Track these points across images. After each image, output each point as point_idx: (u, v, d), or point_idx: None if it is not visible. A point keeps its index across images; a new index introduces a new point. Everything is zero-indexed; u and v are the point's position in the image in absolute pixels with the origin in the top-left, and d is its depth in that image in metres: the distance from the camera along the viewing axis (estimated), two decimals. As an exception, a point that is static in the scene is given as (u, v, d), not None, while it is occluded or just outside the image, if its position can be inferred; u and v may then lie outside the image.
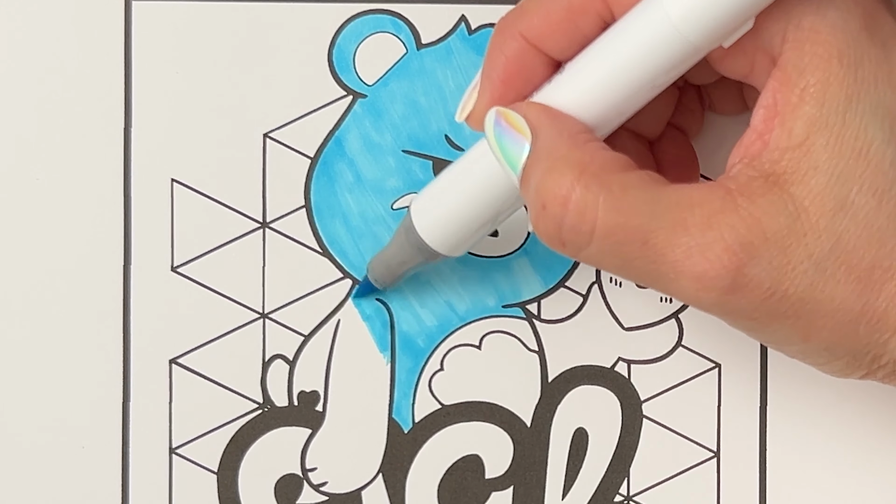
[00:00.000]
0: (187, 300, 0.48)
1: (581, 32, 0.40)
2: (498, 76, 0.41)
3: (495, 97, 0.41)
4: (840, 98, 0.36)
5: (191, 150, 0.48)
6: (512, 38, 0.41)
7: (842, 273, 0.37)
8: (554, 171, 0.38)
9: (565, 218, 0.38)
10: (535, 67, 0.41)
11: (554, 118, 0.39)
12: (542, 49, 0.40)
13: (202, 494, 0.48)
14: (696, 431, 0.49)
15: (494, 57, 0.41)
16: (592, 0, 0.39)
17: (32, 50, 0.48)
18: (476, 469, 0.48)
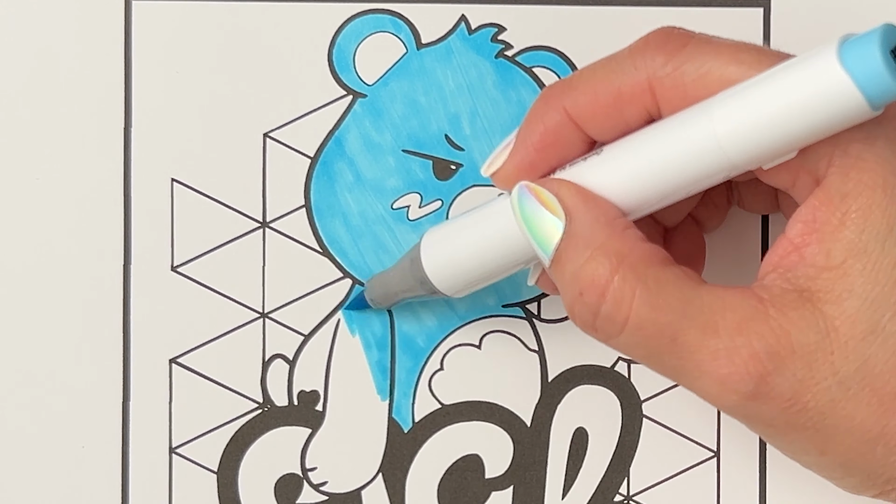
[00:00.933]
0: (187, 300, 0.48)
1: (624, 120, 0.40)
2: (533, 143, 0.41)
3: (526, 162, 0.41)
4: (881, 226, 0.37)
5: (191, 150, 0.48)
6: (555, 109, 0.41)
7: (865, 394, 0.37)
8: (593, 260, 0.38)
9: (602, 307, 0.38)
10: (572, 143, 0.41)
11: (588, 200, 0.39)
12: (583, 127, 0.41)
13: (202, 494, 0.48)
14: (696, 431, 0.49)
15: (533, 124, 0.41)
16: (643, 92, 0.39)
17: (32, 50, 0.48)
18: (476, 469, 0.48)
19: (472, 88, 0.48)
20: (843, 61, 0.35)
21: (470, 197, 0.48)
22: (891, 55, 0.34)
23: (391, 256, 0.48)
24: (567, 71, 0.48)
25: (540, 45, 0.48)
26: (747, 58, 0.38)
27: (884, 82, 0.34)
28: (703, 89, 0.38)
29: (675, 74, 0.39)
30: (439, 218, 0.48)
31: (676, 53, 0.39)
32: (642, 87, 0.39)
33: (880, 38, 0.34)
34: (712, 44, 0.39)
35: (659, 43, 0.39)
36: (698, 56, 0.38)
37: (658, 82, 0.39)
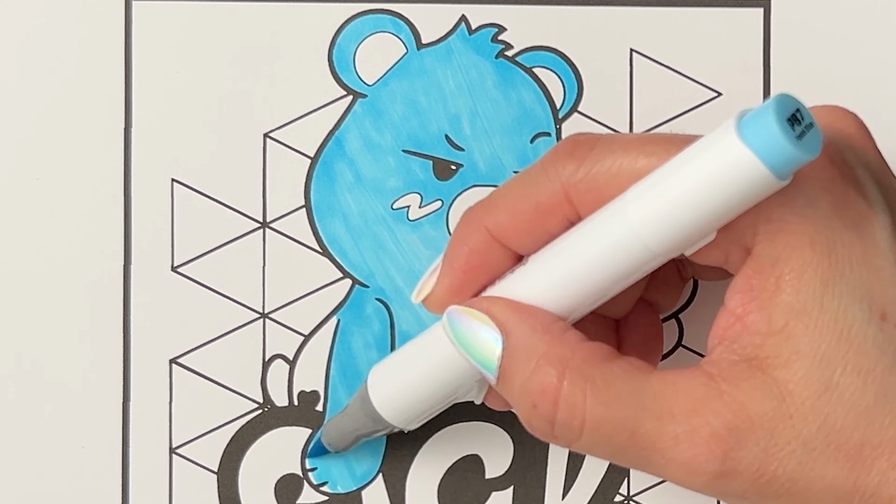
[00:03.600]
0: (187, 300, 0.48)
1: (547, 231, 0.40)
2: (460, 266, 0.41)
3: (455, 285, 0.41)
4: (815, 284, 0.37)
5: (191, 150, 0.48)
6: (477, 230, 0.41)
7: (831, 451, 0.37)
8: (539, 370, 0.39)
9: (556, 415, 0.38)
10: (497, 261, 0.41)
11: (521, 312, 0.40)
12: (507, 244, 0.41)
13: (202, 494, 0.48)
14: (696, 431, 0.48)
15: (458, 246, 0.41)
16: (560, 202, 0.39)
17: (33, 50, 0.48)
18: (476, 469, 0.48)
19: (472, 88, 0.48)
20: (742, 136, 0.35)
21: (470, 197, 0.48)
22: (787, 123, 0.34)
23: (391, 256, 0.48)
24: (567, 71, 0.48)
25: (540, 45, 0.48)
26: (654, 149, 0.38)
27: (784, 151, 0.34)
28: (617, 188, 0.38)
29: (587, 179, 0.39)
30: (439, 218, 0.48)
31: (586, 158, 0.39)
32: (559, 197, 0.39)
33: (775, 108, 0.34)
34: (619, 141, 0.39)
35: (567, 151, 0.39)
36: (607, 156, 0.39)
37: (573, 189, 0.39)
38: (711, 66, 0.48)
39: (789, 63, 0.49)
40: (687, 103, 0.48)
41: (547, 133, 0.48)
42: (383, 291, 0.48)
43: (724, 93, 0.49)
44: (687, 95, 0.48)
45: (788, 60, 0.49)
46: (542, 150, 0.48)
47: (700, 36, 0.48)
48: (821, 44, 0.49)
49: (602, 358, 0.39)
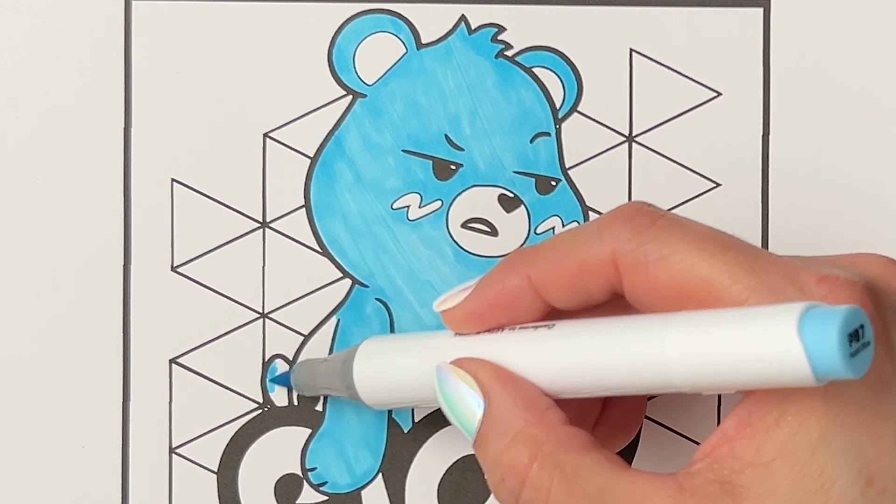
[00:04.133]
0: (187, 300, 0.48)
1: (587, 291, 0.40)
2: (488, 299, 0.41)
3: (475, 313, 0.41)
4: (814, 433, 0.36)
5: (191, 150, 0.48)
6: (517, 274, 0.41)
7: None
8: (512, 447, 0.39)
9: (521, 493, 0.39)
10: (527, 308, 0.41)
11: (507, 383, 0.40)
12: (543, 295, 0.41)
13: (202, 494, 0.48)
14: (696, 431, 0.48)
15: (494, 281, 0.41)
16: (605, 265, 0.39)
17: (32, 50, 0.48)
18: (476, 469, 0.48)
19: (472, 88, 0.48)
20: (801, 335, 0.34)
21: (470, 197, 0.48)
22: (848, 339, 0.34)
23: (391, 256, 0.48)
24: (567, 71, 0.48)
25: (540, 45, 0.48)
26: (711, 247, 0.38)
27: (835, 367, 0.34)
28: (664, 271, 0.38)
29: (638, 251, 0.38)
30: (439, 218, 0.48)
31: (643, 231, 0.39)
32: (606, 261, 0.39)
33: (842, 322, 0.34)
34: (680, 226, 0.38)
35: (627, 217, 0.39)
36: (664, 237, 0.38)
37: (622, 257, 0.39)
38: (711, 66, 0.48)
39: (789, 63, 0.49)
40: (687, 103, 0.48)
41: (547, 133, 0.48)
42: (383, 291, 0.48)
43: (724, 93, 0.49)
44: (687, 95, 0.48)
45: (788, 60, 0.49)
46: (542, 150, 0.48)
47: (700, 36, 0.48)
48: (821, 44, 0.49)
49: (576, 446, 0.39)
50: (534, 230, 0.48)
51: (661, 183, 0.48)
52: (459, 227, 0.48)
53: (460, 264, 0.48)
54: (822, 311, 0.34)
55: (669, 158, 0.48)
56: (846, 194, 0.49)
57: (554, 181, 0.48)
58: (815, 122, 0.48)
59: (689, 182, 0.49)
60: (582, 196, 0.48)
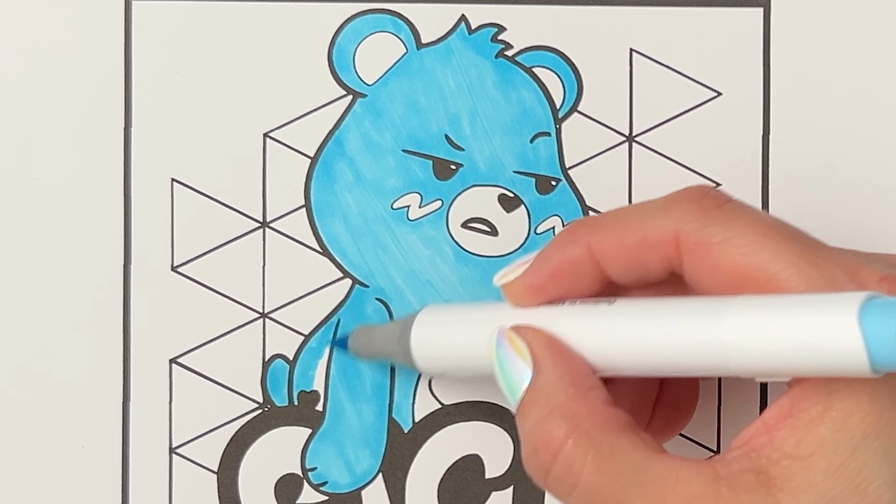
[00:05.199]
0: (187, 300, 0.48)
1: (645, 266, 0.40)
2: (548, 270, 0.41)
3: (535, 285, 0.41)
4: (857, 431, 0.36)
5: (191, 150, 0.48)
6: (578, 243, 0.41)
7: None
8: (550, 420, 0.39)
9: (553, 467, 0.39)
10: (586, 279, 0.41)
11: (557, 356, 0.40)
12: (602, 266, 0.41)
13: (202, 494, 0.48)
14: (695, 431, 0.48)
15: (553, 251, 0.41)
16: (668, 242, 0.39)
17: (32, 50, 0.48)
18: (476, 469, 0.48)
19: (472, 88, 0.48)
20: (862, 325, 0.34)
21: (470, 197, 0.48)
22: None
23: (391, 256, 0.48)
24: (567, 71, 0.48)
25: (540, 45, 0.48)
26: (775, 235, 0.38)
27: (893, 356, 0.34)
28: (726, 254, 0.38)
29: (702, 232, 0.39)
30: (439, 218, 0.48)
31: (709, 212, 0.39)
32: (668, 237, 0.39)
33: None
34: (746, 212, 0.39)
35: (694, 198, 0.39)
36: (729, 220, 0.38)
37: (685, 236, 0.39)
38: (711, 66, 0.49)
39: (789, 63, 0.49)
40: (687, 103, 0.48)
41: (547, 133, 0.48)
42: (383, 291, 0.48)
43: (724, 93, 0.49)
44: (687, 95, 0.49)
45: (788, 60, 0.49)
46: (542, 150, 0.48)
47: (700, 36, 0.48)
48: (821, 44, 0.49)
49: (615, 427, 0.39)
50: (534, 230, 0.48)
51: (661, 183, 0.48)
52: (459, 227, 0.48)
53: (460, 264, 0.48)
54: (884, 301, 0.34)
55: (669, 158, 0.49)
56: (846, 194, 0.49)
57: (554, 181, 0.48)
58: (815, 122, 0.49)
59: (689, 182, 0.48)
60: (582, 196, 0.48)
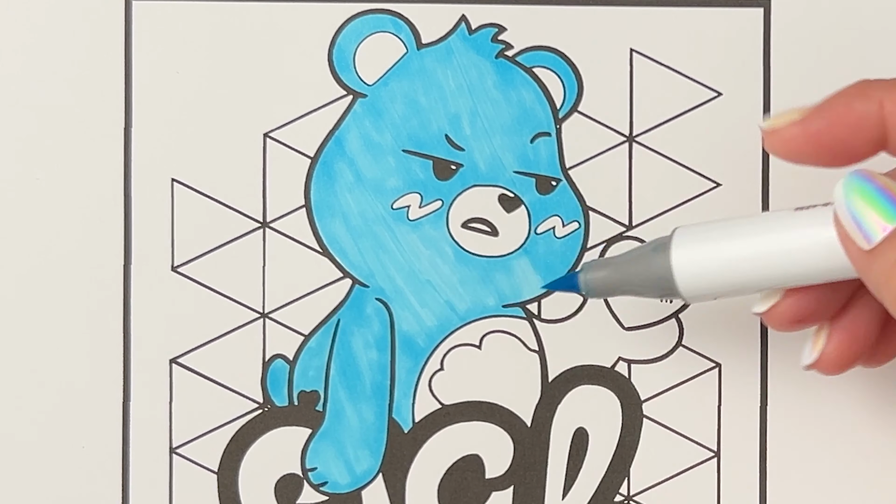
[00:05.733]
0: (187, 300, 0.48)
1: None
2: (829, 117, 0.39)
3: (810, 132, 0.39)
4: None
5: (191, 150, 0.48)
6: (869, 98, 0.39)
7: None
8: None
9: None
10: (866, 142, 0.39)
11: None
12: (889, 130, 0.39)
13: (202, 494, 0.48)
14: (696, 431, 0.48)
15: (839, 101, 0.39)
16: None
17: (33, 50, 0.48)
18: (476, 469, 0.48)
19: (473, 88, 0.48)
20: None
21: (470, 197, 0.48)
22: None
23: (391, 256, 0.48)
24: (567, 71, 0.48)
25: (540, 45, 0.48)
26: None
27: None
28: None
29: None
30: (439, 218, 0.48)
31: None
32: None
33: None
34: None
35: None
36: None
37: None
38: (711, 66, 0.49)
39: (789, 63, 0.49)
40: (687, 103, 0.48)
41: (547, 133, 0.48)
42: (383, 291, 0.48)
43: (724, 93, 0.49)
44: (687, 95, 0.49)
45: (788, 60, 0.49)
46: (543, 150, 0.48)
47: (700, 36, 0.48)
48: (821, 44, 0.49)
49: None
50: (534, 230, 0.48)
51: (661, 183, 0.48)
52: (460, 227, 0.48)
53: (460, 264, 0.48)
54: None
55: (669, 158, 0.49)
56: (846, 194, 0.49)
57: (554, 181, 0.48)
58: (815, 122, 0.48)
59: (689, 182, 0.49)
60: (582, 196, 0.48)
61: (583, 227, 0.48)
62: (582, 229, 0.48)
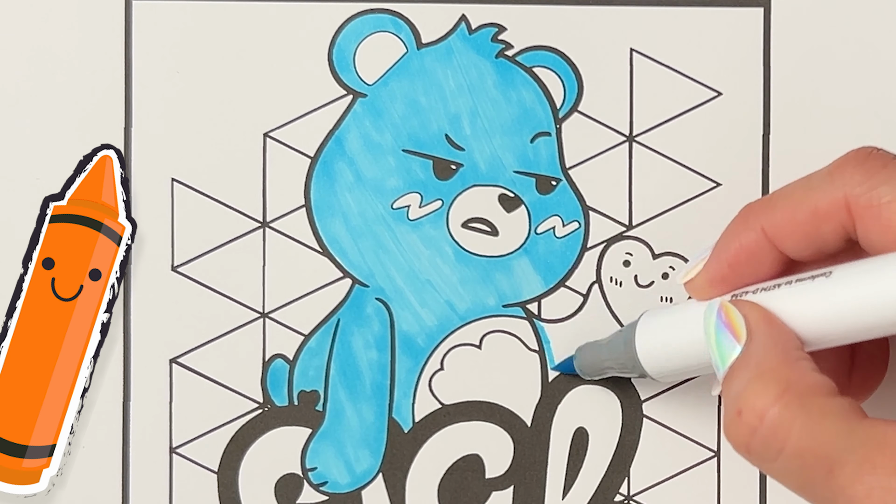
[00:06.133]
0: (187, 300, 0.48)
1: (821, 238, 0.40)
2: (727, 259, 0.42)
3: (718, 277, 0.42)
4: None
5: (191, 150, 0.48)
6: (751, 228, 0.41)
7: None
8: (759, 382, 0.39)
9: (758, 430, 0.38)
10: (765, 261, 0.42)
11: (771, 326, 0.40)
12: (778, 246, 0.41)
13: (202, 494, 0.48)
14: (696, 431, 0.48)
15: (729, 240, 0.42)
16: (839, 210, 0.40)
17: (33, 50, 0.48)
18: (476, 469, 0.48)
19: (473, 88, 0.48)
20: None
21: (470, 197, 0.48)
22: None
23: (391, 256, 0.48)
24: (567, 71, 0.48)
25: (540, 45, 0.48)
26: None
27: None
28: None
29: (871, 194, 0.39)
30: (439, 217, 0.48)
31: (875, 174, 0.39)
32: (839, 205, 0.40)
33: None
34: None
35: (858, 161, 0.40)
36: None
37: (854, 200, 0.39)
38: (711, 66, 0.49)
39: (789, 63, 0.49)
40: (687, 103, 0.49)
41: (547, 133, 0.48)
42: (383, 291, 0.48)
43: (724, 93, 0.49)
44: (687, 95, 0.49)
45: (788, 60, 0.49)
46: (542, 150, 0.48)
47: (700, 36, 0.48)
48: (821, 44, 0.49)
49: (825, 392, 0.38)
50: (534, 230, 0.48)
51: (661, 183, 0.49)
52: (460, 226, 0.48)
53: (460, 264, 0.48)
54: None
55: (669, 158, 0.49)
56: (846, 194, 0.49)
57: (554, 181, 0.48)
58: (815, 122, 0.49)
59: (689, 182, 0.49)
60: (582, 196, 0.48)
61: (583, 226, 0.48)
62: (582, 229, 0.48)
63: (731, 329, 0.40)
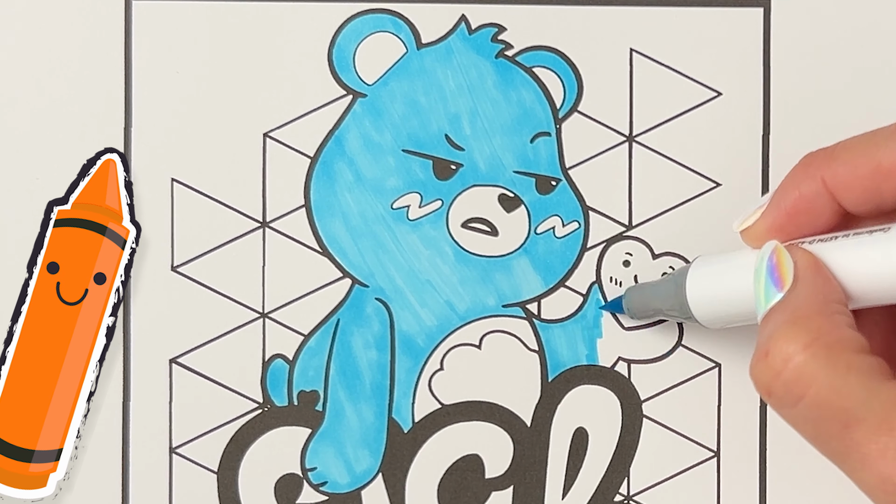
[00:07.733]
0: (187, 300, 0.48)
1: (881, 195, 0.40)
2: (786, 208, 0.42)
3: (776, 224, 0.42)
4: None
5: (191, 150, 0.48)
6: (812, 178, 0.41)
7: None
8: (791, 327, 0.39)
9: (781, 374, 0.38)
10: (824, 212, 0.41)
11: (818, 275, 0.40)
12: (837, 198, 0.41)
13: (202, 494, 0.48)
14: (696, 431, 0.48)
15: (789, 189, 0.42)
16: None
17: (33, 50, 0.48)
18: (476, 469, 0.48)
19: (472, 88, 0.48)
20: None
21: (470, 197, 0.48)
22: None
23: (391, 256, 0.48)
24: (567, 71, 0.48)
25: (540, 45, 0.48)
26: None
27: None
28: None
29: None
30: (439, 217, 0.48)
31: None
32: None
33: None
34: None
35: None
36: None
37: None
38: (711, 66, 0.49)
39: (789, 63, 0.49)
40: (687, 103, 0.49)
41: (547, 133, 0.48)
42: (383, 291, 0.48)
43: (724, 93, 0.49)
44: (687, 95, 0.49)
45: (788, 60, 0.49)
46: (542, 150, 0.48)
47: (700, 36, 0.48)
48: (821, 44, 0.49)
49: (854, 348, 0.38)
50: (534, 230, 0.48)
51: (661, 183, 0.49)
52: (459, 226, 0.48)
53: (460, 264, 0.48)
54: None
55: (669, 158, 0.49)
56: (846, 194, 0.49)
57: (554, 181, 0.48)
58: (815, 122, 0.49)
59: (689, 182, 0.49)
60: (582, 196, 0.48)
61: (583, 226, 0.48)
62: (582, 229, 0.48)
63: (778, 272, 0.40)
